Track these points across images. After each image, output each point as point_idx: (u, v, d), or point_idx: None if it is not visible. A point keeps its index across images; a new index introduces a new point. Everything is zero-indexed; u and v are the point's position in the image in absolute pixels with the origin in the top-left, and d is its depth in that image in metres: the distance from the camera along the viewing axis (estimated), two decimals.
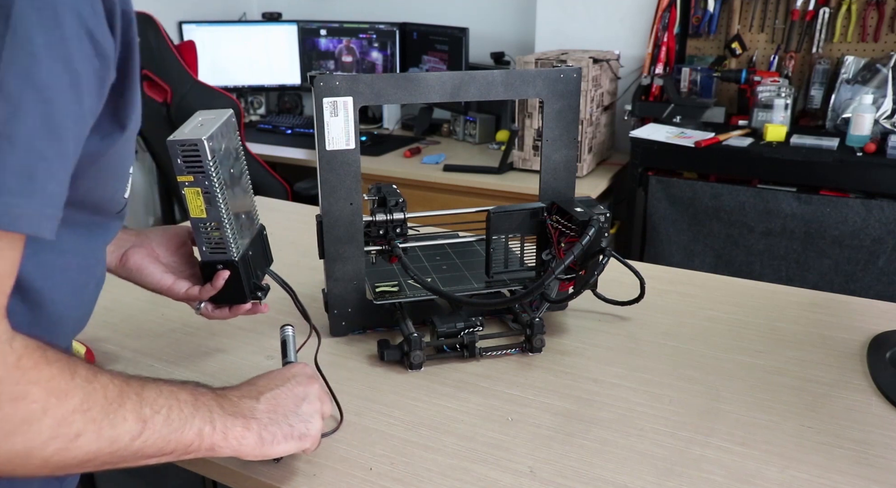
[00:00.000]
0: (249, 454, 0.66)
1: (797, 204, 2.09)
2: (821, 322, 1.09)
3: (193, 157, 0.79)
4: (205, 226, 0.84)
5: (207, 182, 0.80)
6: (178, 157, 0.79)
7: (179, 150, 0.79)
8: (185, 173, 0.80)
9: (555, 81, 1.00)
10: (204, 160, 0.79)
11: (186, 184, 0.81)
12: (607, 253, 0.94)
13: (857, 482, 0.73)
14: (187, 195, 0.81)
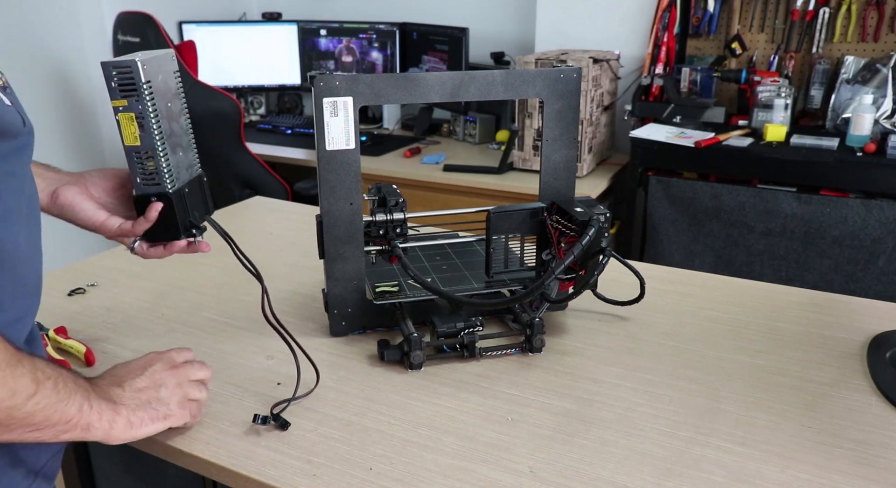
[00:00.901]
0: (119, 436, 0.71)
1: (797, 204, 2.09)
2: (821, 322, 1.09)
3: (127, 79, 0.78)
4: (138, 154, 0.82)
5: (141, 106, 0.79)
6: (112, 80, 0.78)
7: (113, 72, 0.78)
8: (119, 97, 0.79)
9: (555, 81, 1.00)
10: (137, 82, 0.78)
11: (120, 109, 0.80)
12: (607, 253, 0.94)
13: (857, 482, 0.73)
14: (121, 121, 0.80)
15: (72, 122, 2.83)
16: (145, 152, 0.82)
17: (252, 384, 0.92)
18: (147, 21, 2.34)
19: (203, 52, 2.72)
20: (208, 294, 1.19)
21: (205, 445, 0.80)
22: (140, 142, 0.81)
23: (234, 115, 2.44)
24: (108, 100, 0.80)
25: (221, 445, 0.80)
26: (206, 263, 1.30)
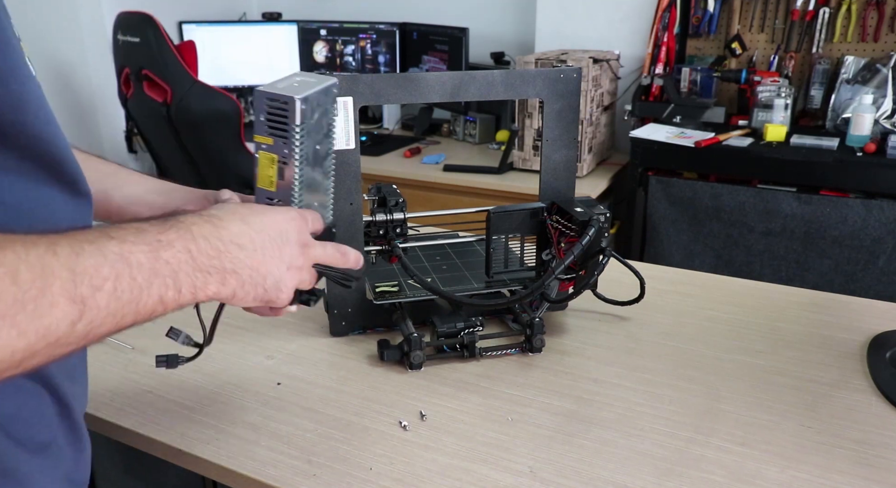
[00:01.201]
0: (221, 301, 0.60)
1: (797, 204, 2.09)
2: (821, 322, 1.09)
3: (279, 117, 0.67)
4: (270, 200, 0.71)
5: (287, 150, 0.68)
6: (263, 113, 0.67)
7: (266, 105, 0.67)
8: (265, 134, 0.68)
9: (555, 81, 1.00)
10: (290, 123, 0.67)
11: (263, 147, 0.69)
12: (607, 253, 0.94)
13: (857, 482, 0.73)
14: (260, 160, 0.69)
15: (71, 122, 2.83)
16: (278, 201, 0.71)
17: (252, 384, 0.92)
18: (147, 21, 2.34)
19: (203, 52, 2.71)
20: None
21: (205, 445, 0.80)
22: (275, 189, 0.70)
23: (234, 115, 2.44)
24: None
25: (221, 445, 0.80)
26: None
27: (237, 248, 0.58)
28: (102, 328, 0.48)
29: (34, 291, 0.44)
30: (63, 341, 0.46)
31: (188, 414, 0.86)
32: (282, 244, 0.62)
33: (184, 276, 0.53)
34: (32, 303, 0.44)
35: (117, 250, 0.49)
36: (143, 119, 2.55)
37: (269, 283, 0.61)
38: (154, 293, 0.51)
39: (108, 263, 0.48)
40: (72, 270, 0.46)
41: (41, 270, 0.44)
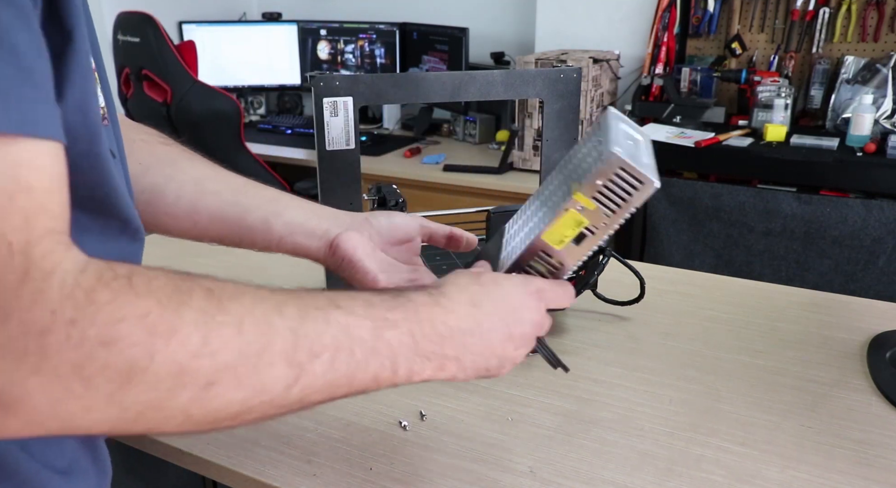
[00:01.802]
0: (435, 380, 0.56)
1: (797, 204, 2.09)
2: (821, 322, 1.09)
3: (624, 192, 0.58)
4: (545, 260, 0.63)
5: (605, 223, 0.60)
6: (604, 178, 0.57)
7: (615, 174, 0.57)
8: (590, 196, 0.58)
9: (555, 81, 1.00)
10: (631, 203, 0.59)
11: (578, 207, 0.59)
12: (607, 253, 0.94)
13: (857, 482, 0.73)
14: (563, 217, 0.60)
15: None
16: (554, 263, 0.64)
17: None
18: (147, 21, 2.34)
19: (203, 52, 2.72)
20: None
21: (205, 445, 0.80)
22: (560, 249, 0.62)
23: (234, 115, 2.44)
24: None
25: (221, 445, 0.80)
26: (207, 263, 1.30)
27: (462, 335, 0.55)
28: (315, 396, 0.48)
29: (256, 346, 0.43)
30: (277, 402, 0.46)
31: None
32: (512, 325, 0.58)
33: (402, 359, 0.52)
34: (254, 358, 0.43)
35: (343, 321, 0.49)
36: (143, 119, 2.54)
37: (491, 364, 0.57)
38: (370, 371, 0.50)
39: (330, 332, 0.47)
40: (295, 333, 0.45)
41: (266, 327, 0.44)
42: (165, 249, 1.00)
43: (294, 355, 0.45)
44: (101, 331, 0.37)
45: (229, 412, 0.44)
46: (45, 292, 0.36)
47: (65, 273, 0.37)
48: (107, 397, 0.38)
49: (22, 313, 0.35)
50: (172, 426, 0.42)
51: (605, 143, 0.58)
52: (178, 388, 0.40)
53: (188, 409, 0.42)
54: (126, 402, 0.39)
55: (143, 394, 0.39)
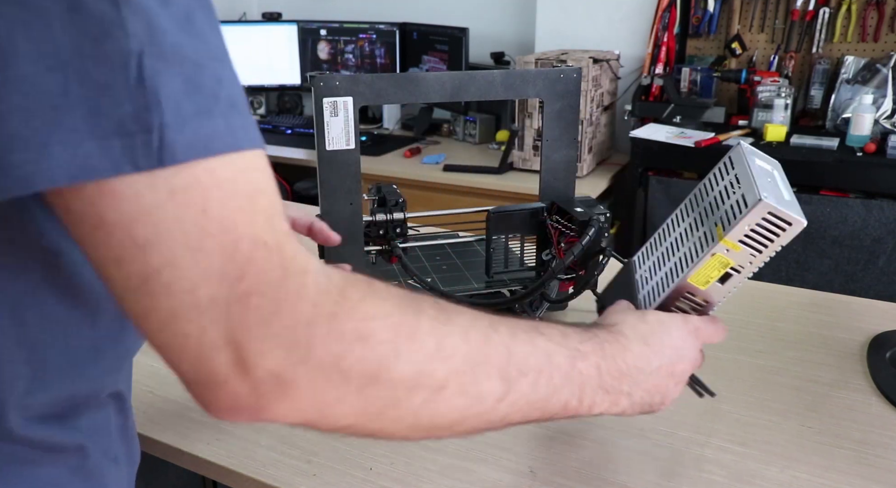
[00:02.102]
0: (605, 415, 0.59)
1: None
2: (821, 322, 1.09)
3: (771, 234, 0.60)
4: (690, 299, 0.66)
5: (751, 262, 0.62)
6: (750, 223, 0.60)
7: (764, 219, 0.59)
8: (737, 240, 0.61)
9: (555, 81, 1.00)
10: (777, 244, 0.61)
11: (724, 250, 0.62)
12: (607, 253, 0.94)
13: (857, 482, 0.73)
14: (711, 260, 0.63)
15: None
16: (699, 303, 0.66)
17: None
18: None
19: None
20: None
21: (205, 445, 0.80)
22: (704, 289, 0.65)
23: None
24: None
25: (221, 445, 0.80)
26: None
27: (637, 372, 0.58)
28: (515, 416, 0.50)
29: (478, 357, 0.46)
30: (486, 416, 0.48)
31: (188, 414, 0.86)
32: (676, 362, 0.62)
33: (588, 390, 0.54)
34: (476, 368, 0.46)
35: (544, 347, 0.51)
36: None
37: (654, 400, 0.61)
38: (562, 397, 0.52)
39: (535, 355, 0.50)
40: (508, 350, 0.48)
41: (486, 341, 0.47)
42: None
43: (506, 370, 0.48)
44: (357, 326, 0.40)
45: (449, 419, 0.46)
46: (305, 287, 0.39)
47: (316, 271, 0.40)
48: (357, 391, 0.41)
49: (290, 305, 0.38)
50: (400, 428, 0.45)
51: (750, 189, 0.61)
52: (416, 389, 0.43)
53: (419, 412, 0.44)
54: (371, 398, 0.41)
55: (386, 391, 0.42)
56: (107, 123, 0.34)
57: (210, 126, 0.36)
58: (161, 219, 0.35)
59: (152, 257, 0.35)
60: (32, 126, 0.33)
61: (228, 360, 0.37)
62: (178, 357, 0.38)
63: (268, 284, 0.37)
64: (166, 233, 0.35)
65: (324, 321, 0.39)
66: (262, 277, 0.37)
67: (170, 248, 0.35)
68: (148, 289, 0.36)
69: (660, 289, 0.68)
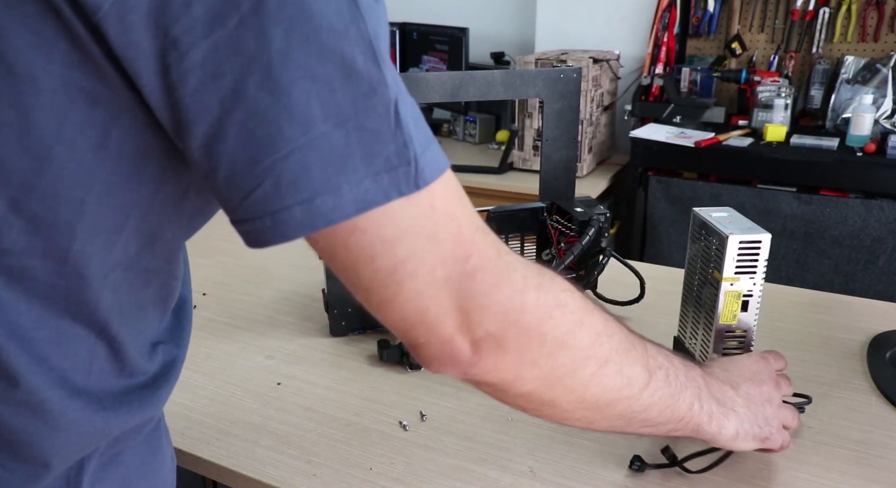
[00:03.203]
0: (723, 443, 0.65)
1: (797, 204, 2.09)
2: (821, 322, 1.09)
3: (753, 256, 0.75)
4: (731, 336, 0.79)
5: (754, 284, 0.76)
6: (733, 256, 0.75)
7: (738, 248, 0.75)
8: (732, 273, 0.76)
9: (555, 81, 1.00)
10: (762, 258, 0.75)
11: (729, 286, 0.76)
12: (607, 253, 0.94)
13: (857, 482, 0.73)
14: (725, 300, 0.77)
15: None
16: (740, 332, 0.79)
17: (252, 384, 0.92)
18: None
19: None
20: (208, 294, 1.19)
21: (205, 445, 0.80)
22: (736, 322, 0.78)
23: None
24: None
25: (221, 445, 0.80)
26: (206, 264, 1.30)
27: (729, 389, 0.66)
28: (653, 410, 0.57)
29: (627, 344, 0.54)
30: (632, 400, 0.55)
31: (188, 414, 0.86)
32: (758, 383, 0.69)
33: (705, 396, 0.62)
34: (628, 352, 0.54)
35: (662, 349, 0.60)
36: None
37: (760, 420, 0.67)
38: (688, 397, 0.60)
39: (661, 355, 0.58)
40: (643, 344, 0.57)
41: (627, 335, 0.55)
42: None
43: (646, 361, 0.56)
44: (556, 296, 0.49)
45: (607, 398, 0.53)
46: (515, 263, 0.48)
47: (512, 252, 0.48)
48: (549, 353, 0.49)
49: (507, 277, 0.46)
50: (569, 400, 0.52)
51: (717, 234, 0.77)
52: (589, 359, 0.51)
53: (587, 384, 0.52)
54: (557, 362, 0.49)
55: (568, 357, 0.50)
56: (378, 162, 0.41)
57: (433, 149, 0.44)
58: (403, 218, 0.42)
59: (399, 250, 0.42)
60: (327, 173, 0.40)
61: (456, 324, 0.46)
62: (414, 327, 0.47)
63: (489, 260, 0.46)
64: (409, 231, 0.42)
65: (533, 290, 0.47)
66: (483, 255, 0.45)
67: (413, 241, 0.43)
68: (396, 278, 0.44)
69: (707, 341, 0.82)
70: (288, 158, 0.39)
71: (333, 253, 0.44)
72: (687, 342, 0.89)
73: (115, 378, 0.51)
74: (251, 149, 0.39)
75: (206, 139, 0.40)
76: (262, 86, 0.38)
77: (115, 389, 0.51)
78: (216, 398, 0.89)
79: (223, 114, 0.38)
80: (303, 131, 0.39)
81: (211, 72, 0.38)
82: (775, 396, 0.70)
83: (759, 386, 0.69)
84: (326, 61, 0.39)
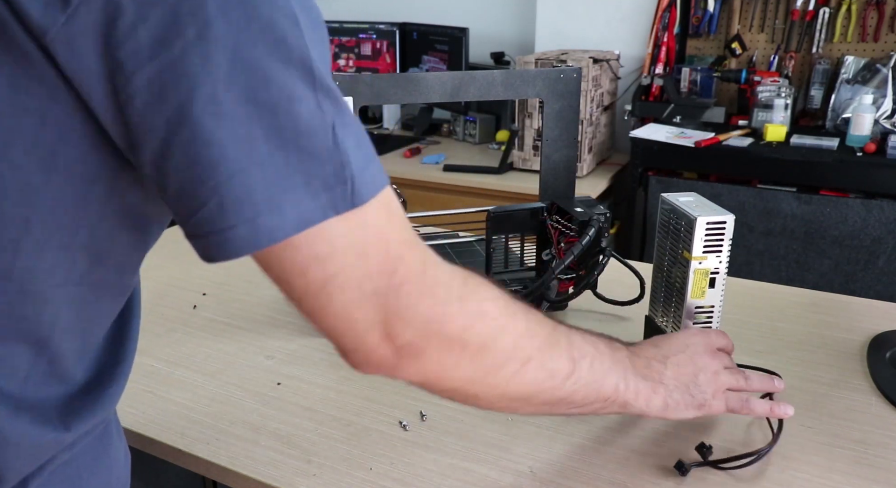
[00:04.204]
0: (655, 414, 0.70)
1: (797, 204, 2.09)
2: (821, 322, 1.09)
3: (718, 236, 0.81)
4: (700, 311, 0.85)
5: (720, 262, 0.82)
6: (701, 236, 0.81)
7: (706, 229, 0.80)
8: (700, 252, 0.81)
9: (555, 81, 1.00)
10: (727, 238, 0.81)
11: (698, 264, 0.82)
12: (607, 253, 0.94)
13: (857, 482, 0.73)
14: (694, 278, 0.83)
15: None
16: (708, 307, 0.85)
17: (252, 384, 0.92)
18: None
19: None
20: (208, 294, 1.19)
21: (205, 445, 0.80)
22: (704, 298, 0.85)
23: None
24: None
25: (221, 445, 0.80)
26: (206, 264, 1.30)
27: (657, 363, 0.71)
28: (577, 395, 0.61)
29: (552, 339, 0.59)
30: (556, 391, 0.59)
31: (188, 414, 0.86)
32: (691, 356, 0.74)
33: (630, 375, 0.66)
34: (552, 347, 0.59)
35: (590, 338, 0.64)
36: None
37: (692, 389, 0.72)
38: (612, 379, 0.64)
39: (586, 343, 0.63)
40: (568, 337, 0.61)
41: (553, 327, 0.60)
42: (167, 249, 1.00)
43: (571, 352, 0.60)
44: (479, 306, 0.53)
45: (529, 390, 0.58)
46: (439, 277, 0.50)
47: (441, 263, 0.51)
48: (471, 357, 0.52)
49: (431, 290, 0.49)
50: (493, 395, 0.56)
51: (685, 216, 0.83)
52: (510, 360, 0.55)
53: (509, 381, 0.56)
54: (480, 364, 0.53)
55: (491, 359, 0.54)
56: (316, 183, 0.43)
57: (372, 169, 0.46)
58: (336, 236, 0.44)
59: (330, 266, 0.45)
60: (269, 193, 0.42)
61: (381, 334, 0.48)
62: (343, 335, 0.48)
63: (414, 274, 0.48)
64: (341, 248, 0.45)
65: (455, 301, 0.51)
66: (409, 270, 0.48)
67: (343, 258, 0.45)
68: (326, 291, 0.46)
69: (678, 318, 0.87)
70: (232, 179, 0.41)
71: (268, 265, 0.46)
72: (658, 319, 0.93)
73: (53, 387, 0.51)
74: (197, 170, 0.41)
75: (155, 157, 0.41)
76: (205, 109, 0.39)
77: (57, 399, 0.51)
78: (216, 398, 0.89)
79: (169, 134, 0.40)
80: (246, 153, 0.41)
81: (157, 93, 0.39)
82: (710, 364, 0.74)
83: (692, 357, 0.73)
84: (270, 86, 0.41)
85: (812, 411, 0.86)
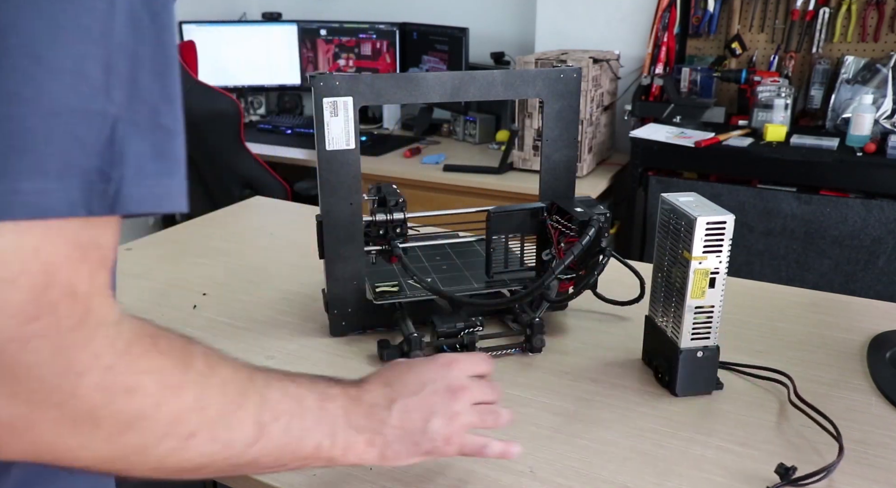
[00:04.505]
0: (373, 464, 0.64)
1: (797, 204, 2.09)
2: (821, 322, 1.09)
3: (719, 235, 0.81)
4: (700, 312, 0.84)
5: (720, 262, 0.82)
6: (701, 236, 0.80)
7: (706, 229, 0.80)
8: (700, 252, 0.81)
9: (555, 81, 1.00)
10: (727, 238, 0.81)
11: (698, 264, 0.82)
12: (607, 253, 0.94)
13: (857, 482, 0.73)
14: (695, 278, 0.82)
15: None
16: (708, 307, 0.84)
17: None
18: None
19: (203, 52, 2.72)
20: (208, 294, 1.19)
21: None
22: (704, 298, 0.84)
23: (234, 116, 2.44)
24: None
25: None
26: (206, 264, 1.30)
27: (380, 410, 0.63)
28: (265, 459, 0.54)
29: (234, 406, 0.51)
30: (233, 460, 0.51)
31: None
32: (424, 397, 0.65)
33: (339, 430, 0.59)
34: (230, 417, 0.50)
35: (295, 392, 0.57)
36: None
37: (418, 437, 0.64)
38: (314, 438, 0.57)
39: (287, 400, 0.55)
40: (262, 396, 0.53)
41: (243, 390, 0.52)
42: (167, 249, 1.00)
43: (260, 416, 0.52)
44: (128, 380, 0.43)
45: (196, 463, 0.49)
46: (94, 339, 0.41)
47: (110, 324, 0.42)
48: (106, 438, 0.43)
49: (71, 352, 0.40)
50: (142, 471, 0.47)
51: (685, 216, 0.82)
52: (167, 437, 0.46)
53: (166, 457, 0.47)
54: (119, 444, 0.44)
55: (136, 439, 0.44)
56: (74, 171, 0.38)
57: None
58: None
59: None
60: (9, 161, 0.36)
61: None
62: None
63: (57, 331, 0.39)
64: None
65: (98, 372, 0.41)
66: (55, 323, 0.39)
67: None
68: None
69: (678, 318, 0.86)
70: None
71: None
72: (658, 319, 0.92)
73: None
74: None
75: None
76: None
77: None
78: None
79: None
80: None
81: None
82: (448, 407, 0.66)
83: (426, 399, 0.65)
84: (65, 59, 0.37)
85: (812, 411, 0.86)
